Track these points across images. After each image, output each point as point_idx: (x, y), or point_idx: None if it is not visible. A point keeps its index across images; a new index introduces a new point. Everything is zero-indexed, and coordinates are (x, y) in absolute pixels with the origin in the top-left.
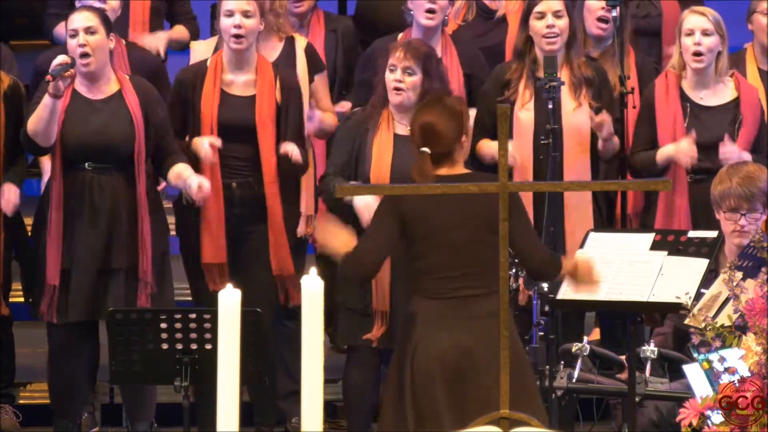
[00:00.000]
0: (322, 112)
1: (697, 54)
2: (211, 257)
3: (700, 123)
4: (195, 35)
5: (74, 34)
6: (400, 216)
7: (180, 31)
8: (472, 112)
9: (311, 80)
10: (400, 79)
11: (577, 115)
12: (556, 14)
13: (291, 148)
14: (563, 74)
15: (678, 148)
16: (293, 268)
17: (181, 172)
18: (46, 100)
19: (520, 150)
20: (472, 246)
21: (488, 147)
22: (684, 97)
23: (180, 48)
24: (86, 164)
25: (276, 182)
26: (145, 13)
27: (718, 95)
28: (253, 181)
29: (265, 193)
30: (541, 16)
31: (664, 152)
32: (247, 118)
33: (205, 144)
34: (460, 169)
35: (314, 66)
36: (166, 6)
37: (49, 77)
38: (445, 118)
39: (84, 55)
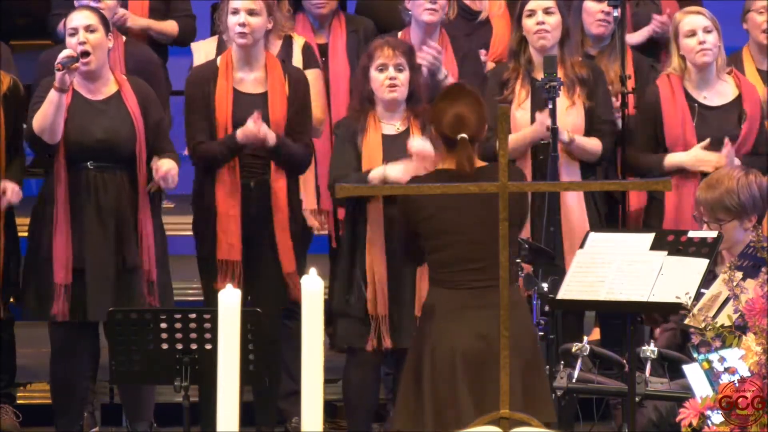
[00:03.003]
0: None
1: (703, 51)
2: (226, 254)
3: (707, 123)
4: (189, 33)
5: (74, 32)
6: (413, 216)
7: (168, 25)
8: None
9: None
10: (393, 75)
11: (570, 115)
12: (546, 11)
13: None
14: (557, 73)
15: (693, 157)
16: (295, 265)
17: (160, 159)
18: (52, 95)
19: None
20: (490, 240)
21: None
22: (689, 97)
23: (169, 42)
24: (89, 164)
25: (283, 178)
26: (144, 13)
27: (720, 94)
28: (270, 179)
29: (272, 189)
30: (532, 13)
31: (674, 159)
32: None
33: (249, 125)
34: (479, 162)
35: (308, 63)
36: (165, 5)
37: (58, 66)
38: (473, 106)
39: (84, 53)
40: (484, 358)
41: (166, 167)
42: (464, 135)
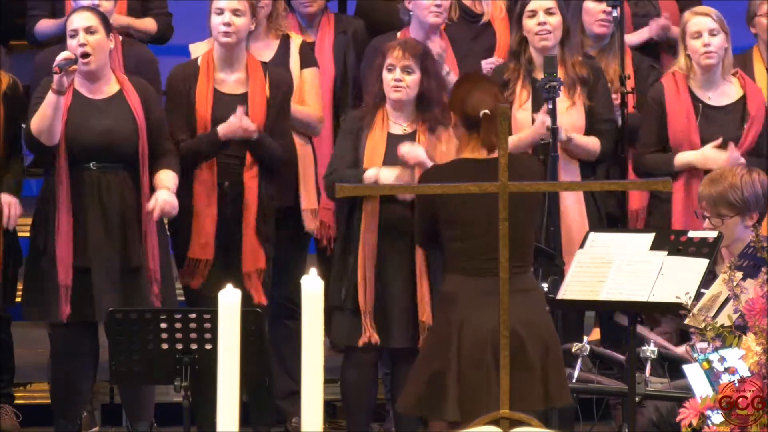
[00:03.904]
0: (300, 106)
1: (708, 53)
2: (197, 253)
3: (711, 123)
4: (166, 30)
5: (74, 34)
6: (437, 206)
7: (146, 22)
8: None
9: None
10: (399, 78)
11: (570, 115)
12: (548, 11)
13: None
14: (558, 74)
15: (702, 155)
16: (264, 262)
17: (159, 180)
18: (50, 97)
19: (516, 150)
20: (514, 229)
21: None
22: (693, 97)
23: (147, 40)
24: (91, 164)
25: (256, 177)
26: (122, 12)
27: (725, 95)
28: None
29: (244, 189)
30: (533, 14)
31: (683, 158)
32: None
33: (237, 113)
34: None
35: (306, 62)
36: (141, 4)
37: (56, 68)
38: (491, 91)
39: (84, 54)
40: (513, 345)
41: (160, 201)
42: (487, 111)
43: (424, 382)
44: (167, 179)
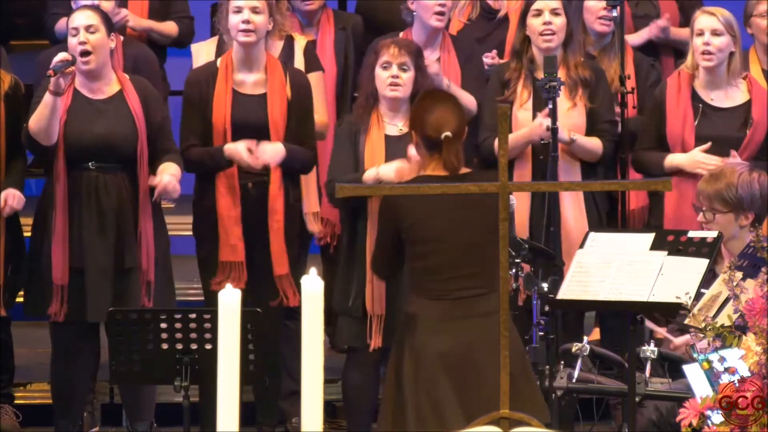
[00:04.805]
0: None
1: (706, 53)
2: (228, 255)
3: (711, 123)
4: (187, 34)
5: (75, 32)
6: (398, 223)
7: (167, 26)
8: None
9: None
10: (396, 74)
11: (571, 116)
12: (553, 12)
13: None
14: (560, 74)
15: (690, 158)
16: (288, 268)
17: (162, 168)
18: (47, 97)
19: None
20: (473, 247)
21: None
22: (695, 97)
23: (168, 43)
24: (90, 164)
25: (280, 179)
26: (143, 14)
27: (729, 97)
28: (268, 181)
29: (269, 193)
30: (538, 13)
31: (673, 160)
32: (260, 117)
33: (241, 149)
34: (463, 168)
35: (311, 65)
36: (163, 6)
37: (50, 72)
38: (452, 108)
39: (84, 53)
40: (468, 367)
41: (165, 180)
42: (449, 133)
43: (387, 405)
44: (170, 167)
